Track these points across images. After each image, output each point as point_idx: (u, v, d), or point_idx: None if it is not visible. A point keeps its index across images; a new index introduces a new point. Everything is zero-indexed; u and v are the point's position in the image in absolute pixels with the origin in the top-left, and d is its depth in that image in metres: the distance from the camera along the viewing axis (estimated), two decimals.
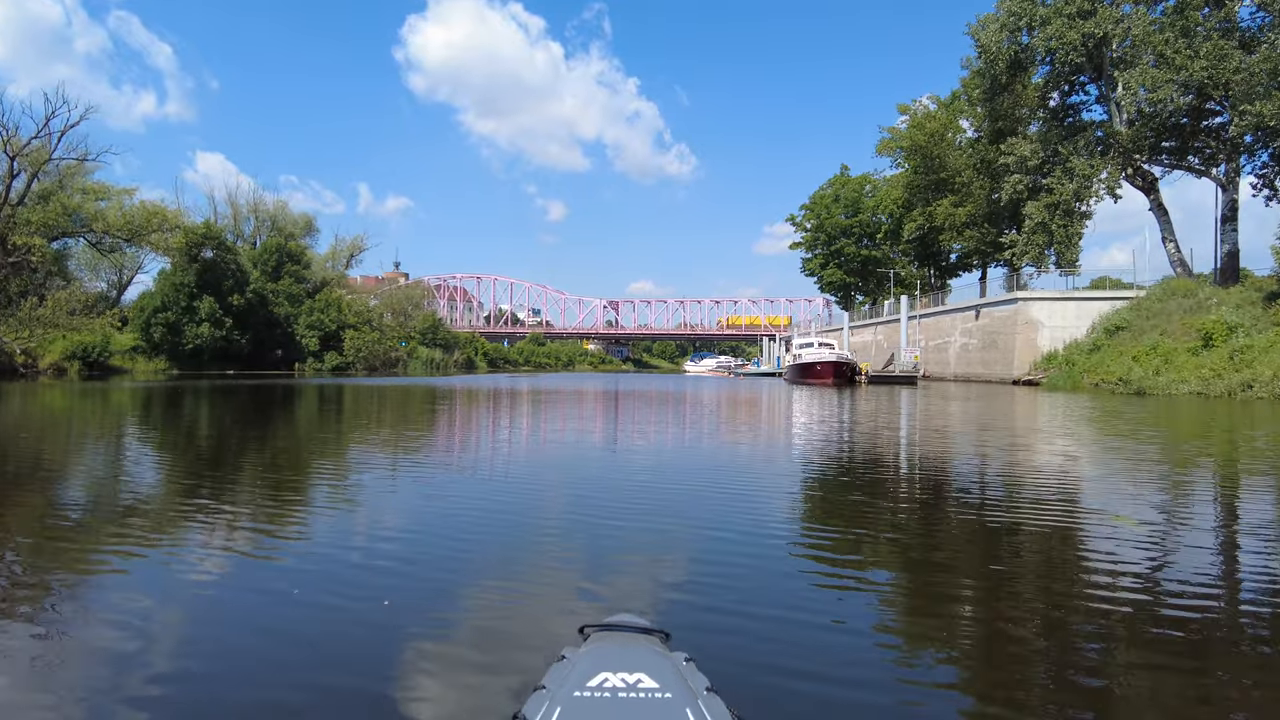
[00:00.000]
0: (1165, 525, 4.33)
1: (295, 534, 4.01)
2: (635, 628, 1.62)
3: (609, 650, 1.46)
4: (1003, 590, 3.09)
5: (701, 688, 1.31)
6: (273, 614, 2.75)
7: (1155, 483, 5.98)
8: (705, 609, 2.78)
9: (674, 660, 1.42)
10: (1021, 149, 34.95)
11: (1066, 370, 26.81)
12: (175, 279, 44.36)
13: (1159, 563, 3.51)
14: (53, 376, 33.81)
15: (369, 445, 8.68)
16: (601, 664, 1.34)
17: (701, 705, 1.22)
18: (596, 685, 1.27)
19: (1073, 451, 8.27)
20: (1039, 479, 6.16)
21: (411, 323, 67.51)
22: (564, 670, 1.36)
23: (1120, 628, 2.61)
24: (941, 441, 9.42)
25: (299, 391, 22.96)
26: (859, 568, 3.44)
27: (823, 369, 31.05)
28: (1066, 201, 32.90)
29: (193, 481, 5.85)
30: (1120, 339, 25.99)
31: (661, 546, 3.78)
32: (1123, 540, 3.87)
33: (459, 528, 4.21)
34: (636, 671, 1.31)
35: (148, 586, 3.02)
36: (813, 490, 5.88)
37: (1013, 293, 32.33)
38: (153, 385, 26.36)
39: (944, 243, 44.84)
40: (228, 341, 45.52)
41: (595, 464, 7.50)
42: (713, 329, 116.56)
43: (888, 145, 46.19)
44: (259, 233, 55.66)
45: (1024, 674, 2.30)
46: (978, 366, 34.23)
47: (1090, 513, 4.72)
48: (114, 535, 3.86)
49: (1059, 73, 34.25)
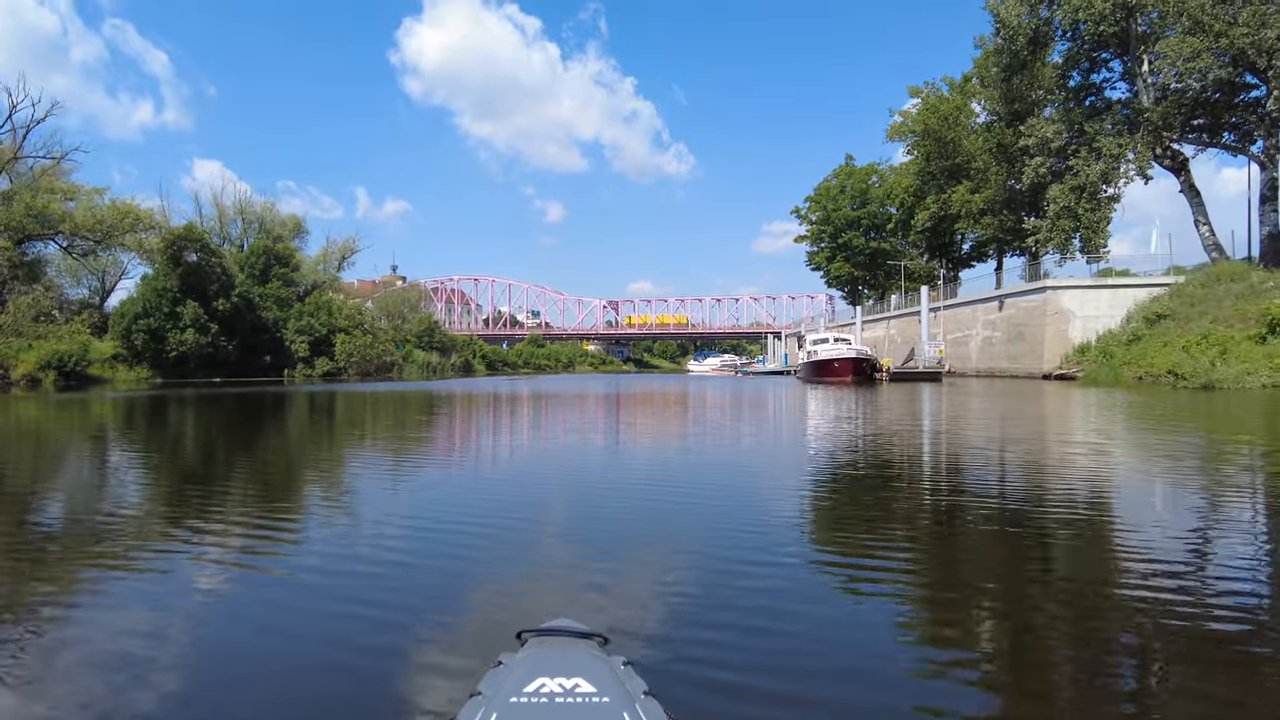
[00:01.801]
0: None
1: (279, 556, 3.79)
2: (573, 631, 1.59)
3: (546, 655, 1.44)
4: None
5: (639, 691, 1.30)
6: (262, 634, 2.64)
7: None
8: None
9: (612, 664, 1.40)
10: (1043, 130, 33.11)
11: (1104, 363, 24.90)
12: (157, 284, 42.56)
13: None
14: (26, 388, 32.77)
15: (338, 468, 6.90)
16: (538, 669, 1.31)
17: (639, 709, 1.20)
18: (533, 690, 1.24)
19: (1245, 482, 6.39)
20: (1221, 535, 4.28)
21: (407, 326, 65.79)
22: (500, 676, 1.34)
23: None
24: (1026, 458, 7.53)
25: (283, 400, 21.79)
26: (869, 576, 3.32)
27: (841, 366, 29.08)
28: (1093, 184, 31.10)
29: (159, 505, 5.29)
30: (1163, 328, 24.07)
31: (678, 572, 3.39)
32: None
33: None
34: (574, 676, 1.28)
35: (133, 607, 2.89)
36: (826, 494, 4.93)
37: (1040, 281, 30.40)
38: (132, 395, 25.31)
39: (960, 231, 42.91)
40: (213, 348, 43.72)
41: (597, 474, 6.72)
42: (715, 328, 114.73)
43: (899, 129, 44.19)
44: (246, 235, 53.64)
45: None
46: (1002, 360, 32.30)
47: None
48: (89, 557, 3.66)
49: (1081, 49, 32.46)
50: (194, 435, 10.92)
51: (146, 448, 9.20)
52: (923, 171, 43.82)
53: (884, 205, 57.33)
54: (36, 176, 37.44)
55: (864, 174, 60.05)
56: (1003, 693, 2.08)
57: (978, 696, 2.03)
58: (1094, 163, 30.84)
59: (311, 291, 52.69)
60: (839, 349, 31.34)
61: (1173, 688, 2.09)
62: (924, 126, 41.75)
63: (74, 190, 38.26)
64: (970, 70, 42.97)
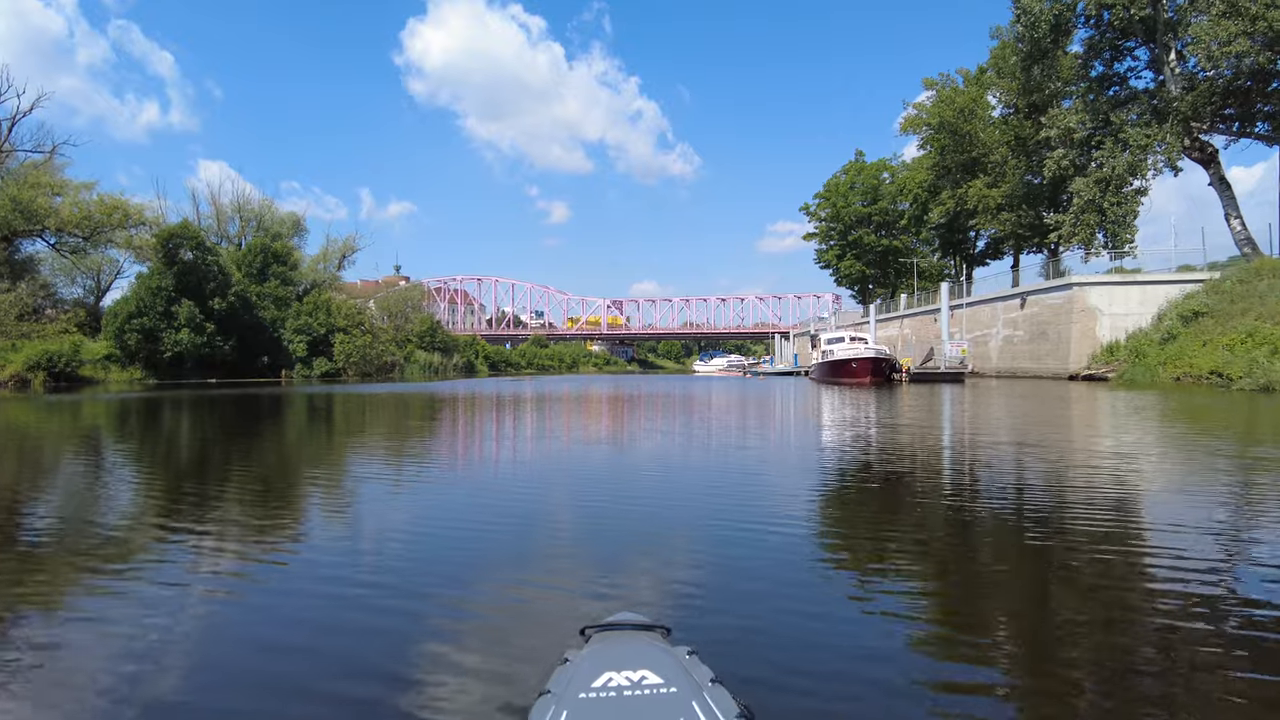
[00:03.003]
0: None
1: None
2: (635, 625, 1.59)
3: (611, 649, 1.43)
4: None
5: (706, 679, 1.30)
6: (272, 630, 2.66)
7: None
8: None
9: (677, 654, 1.40)
10: (1066, 120, 31.88)
11: (1137, 363, 23.66)
12: (152, 282, 41.53)
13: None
14: (14, 389, 31.97)
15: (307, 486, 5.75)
16: (604, 664, 1.31)
17: (708, 697, 1.20)
18: (601, 685, 1.23)
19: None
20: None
21: (409, 326, 64.74)
22: (567, 673, 1.33)
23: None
24: (1141, 484, 6.35)
25: (278, 402, 20.86)
26: (885, 574, 3.22)
27: (859, 367, 27.82)
28: (1119, 176, 29.88)
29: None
30: (1201, 326, 22.81)
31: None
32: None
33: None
34: (640, 669, 1.28)
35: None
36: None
37: (1066, 277, 29.16)
38: (122, 397, 24.41)
39: (976, 228, 41.62)
40: (209, 348, 42.66)
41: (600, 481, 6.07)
42: (719, 328, 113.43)
43: (913, 122, 42.93)
44: (244, 233, 52.52)
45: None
46: (1025, 360, 31.05)
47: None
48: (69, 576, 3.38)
49: (1105, 36, 31.23)
50: (163, 446, 9.80)
51: (109, 464, 8.09)
52: (937, 166, 42.54)
53: (895, 202, 56.03)
54: (25, 172, 36.31)
55: (875, 170, 58.76)
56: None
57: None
58: (1120, 154, 29.62)
59: (310, 291, 51.63)
60: (856, 348, 30.10)
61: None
62: (939, 119, 40.49)
63: (61, 185, 36.97)
64: (985, 62, 41.72)
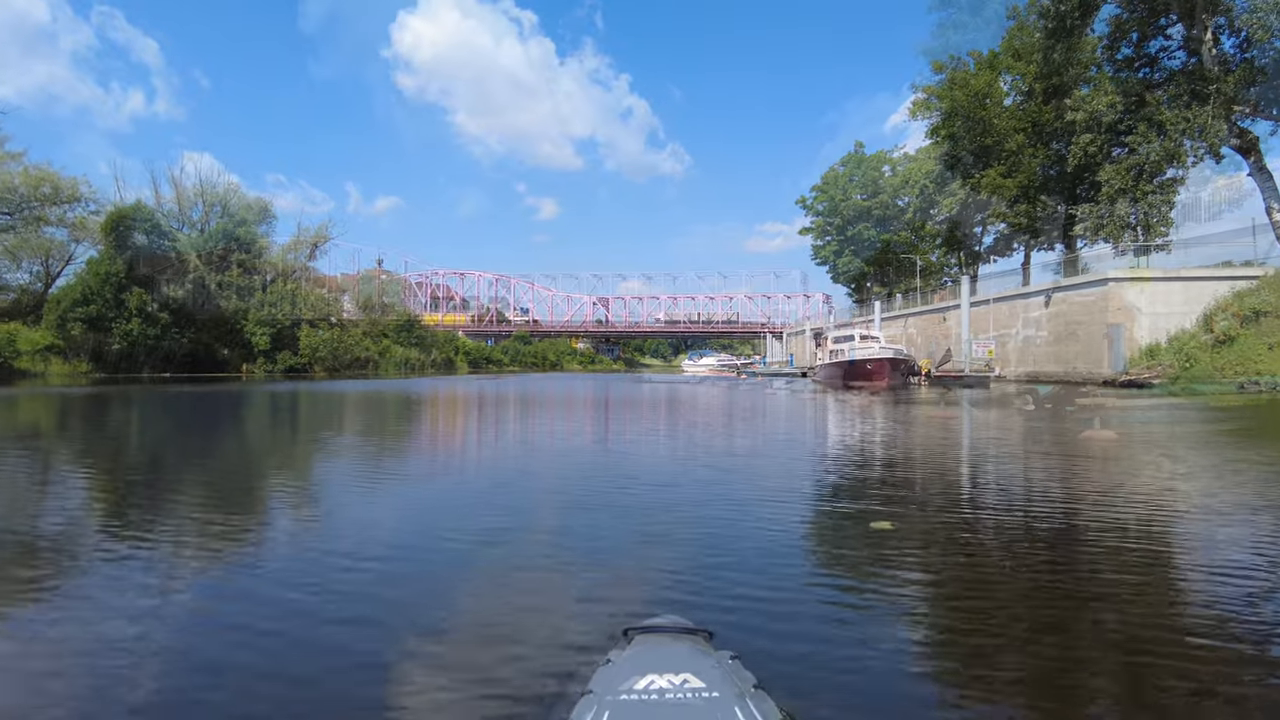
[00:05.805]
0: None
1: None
2: (678, 628, 1.58)
3: (653, 652, 1.43)
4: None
5: (749, 685, 1.28)
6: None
7: None
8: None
9: (719, 659, 1.38)
10: (1095, 102, 29.47)
11: (1190, 367, 21.20)
12: (100, 268, 38.25)
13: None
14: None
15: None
16: (646, 666, 1.30)
17: (750, 703, 1.19)
18: (643, 688, 1.23)
19: None
20: None
21: (385, 319, 61.53)
22: (609, 674, 1.33)
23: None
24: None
25: (229, 401, 18.31)
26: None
27: (875, 368, 25.09)
28: (1154, 164, 27.49)
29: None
30: (1265, 326, 20.38)
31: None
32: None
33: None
34: (682, 672, 1.27)
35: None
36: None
37: (1099, 273, 26.69)
38: (64, 392, 22.19)
39: (988, 220, 39.17)
40: (163, 340, 39.38)
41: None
42: (707, 326, 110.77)
43: (922, 106, 40.34)
44: (208, 218, 48.97)
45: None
46: (1049, 363, 28.56)
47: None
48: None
49: (1135, 13, 28.84)
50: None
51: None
52: (947, 155, 40.02)
53: (897, 196, 53.57)
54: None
55: (875, 162, 56.27)
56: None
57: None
58: (1155, 140, 27.22)
59: (275, 281, 48.32)
60: (870, 348, 27.42)
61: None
62: (951, 104, 37.94)
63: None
64: (996, 48, 39.22)
